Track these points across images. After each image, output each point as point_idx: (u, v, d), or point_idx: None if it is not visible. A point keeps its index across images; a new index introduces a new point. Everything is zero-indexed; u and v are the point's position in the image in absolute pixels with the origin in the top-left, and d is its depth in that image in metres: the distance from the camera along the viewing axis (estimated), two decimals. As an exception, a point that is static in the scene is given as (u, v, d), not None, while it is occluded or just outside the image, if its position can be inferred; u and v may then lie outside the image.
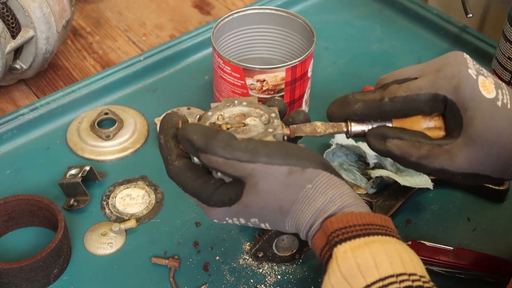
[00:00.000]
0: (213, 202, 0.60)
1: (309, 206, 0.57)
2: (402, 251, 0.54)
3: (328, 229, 0.56)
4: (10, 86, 0.98)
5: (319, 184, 0.57)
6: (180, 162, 0.60)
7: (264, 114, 0.63)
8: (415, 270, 0.53)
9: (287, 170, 0.57)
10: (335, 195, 0.57)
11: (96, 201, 0.82)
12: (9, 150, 0.89)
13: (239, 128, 0.62)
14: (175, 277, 0.74)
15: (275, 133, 0.61)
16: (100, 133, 0.89)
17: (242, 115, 0.63)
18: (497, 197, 0.81)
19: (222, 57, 0.83)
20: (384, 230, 0.56)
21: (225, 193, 0.59)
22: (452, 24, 1.05)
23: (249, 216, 0.60)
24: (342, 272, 0.53)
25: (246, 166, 0.57)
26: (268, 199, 0.58)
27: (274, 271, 0.75)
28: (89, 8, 1.13)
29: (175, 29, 1.09)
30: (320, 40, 1.00)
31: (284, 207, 0.58)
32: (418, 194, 0.81)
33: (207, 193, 0.59)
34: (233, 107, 0.64)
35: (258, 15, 0.90)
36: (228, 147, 0.57)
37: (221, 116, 0.63)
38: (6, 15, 0.88)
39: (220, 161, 0.57)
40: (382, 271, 0.52)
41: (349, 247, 0.54)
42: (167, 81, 0.99)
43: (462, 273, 0.73)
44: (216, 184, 0.59)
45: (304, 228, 0.58)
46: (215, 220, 0.61)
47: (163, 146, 0.62)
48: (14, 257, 0.76)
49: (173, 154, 0.61)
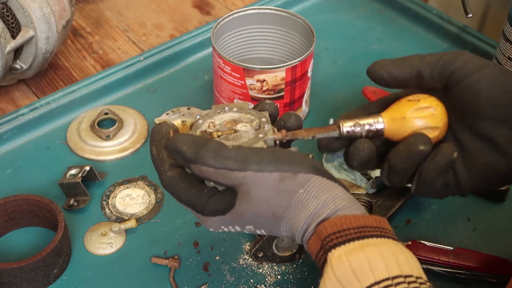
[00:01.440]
0: (208, 212, 0.59)
1: (302, 211, 0.57)
2: (398, 252, 0.54)
3: (322, 233, 0.55)
4: (10, 86, 0.98)
5: (311, 189, 0.57)
6: (173, 172, 0.60)
7: (255, 119, 0.63)
8: (412, 271, 0.53)
9: (278, 177, 0.57)
10: (328, 198, 0.57)
11: (96, 201, 0.82)
12: (9, 150, 0.89)
13: (230, 135, 0.61)
14: (175, 277, 0.74)
15: (266, 138, 0.60)
16: (100, 133, 0.89)
17: (233, 121, 0.63)
18: (497, 197, 0.81)
19: (222, 57, 0.83)
20: (379, 231, 0.56)
21: (218, 202, 0.59)
22: (452, 24, 1.05)
23: (244, 224, 0.60)
24: (337, 277, 0.53)
25: (237, 174, 0.56)
26: (261, 206, 0.58)
27: (274, 271, 0.75)
28: (89, 8, 1.13)
29: (175, 29, 1.09)
30: (320, 40, 1.00)
31: (277, 213, 0.58)
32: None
33: (201, 202, 0.59)
34: (224, 113, 0.63)
35: (258, 15, 0.90)
36: (218, 156, 0.56)
37: (211, 123, 0.63)
38: (6, 15, 0.88)
39: (210, 171, 0.57)
40: (378, 274, 0.52)
41: (344, 251, 0.54)
42: (167, 81, 0.99)
43: (462, 273, 0.73)
44: (210, 193, 0.59)
45: (299, 233, 0.58)
46: (211, 229, 0.61)
47: (155, 157, 0.61)
48: (14, 257, 0.76)
49: (166, 165, 0.60)
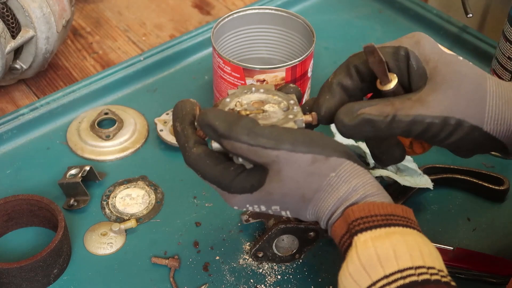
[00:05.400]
0: (234, 189, 0.59)
1: (331, 194, 0.57)
2: (422, 244, 0.54)
3: (350, 217, 0.56)
4: (10, 86, 0.98)
5: (342, 173, 0.57)
6: (199, 149, 0.59)
7: (282, 101, 0.62)
8: (434, 264, 0.53)
9: (311, 158, 0.56)
10: (358, 184, 0.57)
11: (96, 201, 0.82)
12: (9, 150, 0.89)
13: (259, 114, 0.60)
14: (175, 277, 0.74)
15: (296, 119, 0.60)
16: (100, 133, 0.89)
17: (260, 101, 0.62)
18: (497, 197, 0.81)
19: (222, 57, 0.83)
20: (405, 221, 0.56)
21: (246, 180, 0.58)
22: (452, 24, 1.05)
23: (270, 204, 0.59)
24: (361, 261, 0.53)
25: (270, 153, 0.56)
26: (291, 186, 0.57)
27: (274, 271, 0.75)
28: (89, 8, 1.13)
29: (175, 29, 1.09)
30: (320, 40, 1.00)
31: (306, 195, 0.58)
32: (418, 194, 0.81)
33: (227, 180, 0.58)
34: (251, 93, 0.63)
35: (258, 15, 0.90)
36: (252, 133, 0.56)
37: (239, 102, 0.62)
38: (6, 15, 0.88)
39: (244, 147, 0.56)
40: (402, 262, 0.52)
41: (370, 236, 0.54)
42: (167, 81, 0.99)
43: (462, 273, 0.73)
44: (237, 171, 0.59)
45: (325, 216, 0.58)
46: (235, 207, 0.61)
47: (180, 133, 0.60)
48: (14, 257, 0.76)
49: (190, 141, 0.60)
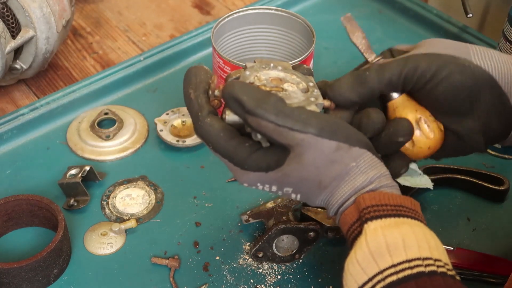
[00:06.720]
0: (248, 166, 0.57)
1: (348, 183, 0.57)
2: (430, 236, 0.55)
3: (361, 204, 0.56)
4: (10, 86, 0.98)
5: (362, 164, 0.57)
6: (213, 120, 0.57)
7: (301, 82, 0.61)
8: (440, 257, 0.54)
9: (335, 146, 0.56)
10: (375, 175, 0.57)
11: (96, 201, 0.82)
12: (9, 150, 0.89)
13: (279, 92, 0.59)
14: (175, 277, 0.74)
15: (317, 103, 0.59)
16: (100, 133, 0.89)
17: (279, 79, 0.60)
18: (497, 197, 0.81)
19: (222, 57, 0.83)
20: (414, 213, 0.56)
21: (263, 158, 0.57)
22: (452, 24, 1.05)
23: (284, 185, 0.58)
24: (370, 249, 0.53)
25: (296, 135, 0.55)
26: (310, 171, 0.57)
27: (274, 271, 0.75)
28: (89, 8, 1.13)
29: (175, 29, 1.09)
30: (320, 40, 0.99)
31: (324, 182, 0.57)
32: (418, 194, 0.81)
33: (242, 156, 0.57)
34: (269, 70, 0.61)
35: (258, 15, 0.90)
36: (281, 113, 0.55)
37: (257, 77, 0.60)
38: (6, 15, 0.88)
39: (270, 126, 0.55)
40: (410, 253, 0.52)
41: (380, 225, 0.54)
42: (167, 81, 0.99)
43: (462, 273, 0.73)
44: (253, 148, 0.57)
45: (336, 203, 0.58)
46: (245, 184, 0.59)
47: (194, 101, 0.58)
48: (14, 257, 0.76)
49: (204, 111, 0.58)
